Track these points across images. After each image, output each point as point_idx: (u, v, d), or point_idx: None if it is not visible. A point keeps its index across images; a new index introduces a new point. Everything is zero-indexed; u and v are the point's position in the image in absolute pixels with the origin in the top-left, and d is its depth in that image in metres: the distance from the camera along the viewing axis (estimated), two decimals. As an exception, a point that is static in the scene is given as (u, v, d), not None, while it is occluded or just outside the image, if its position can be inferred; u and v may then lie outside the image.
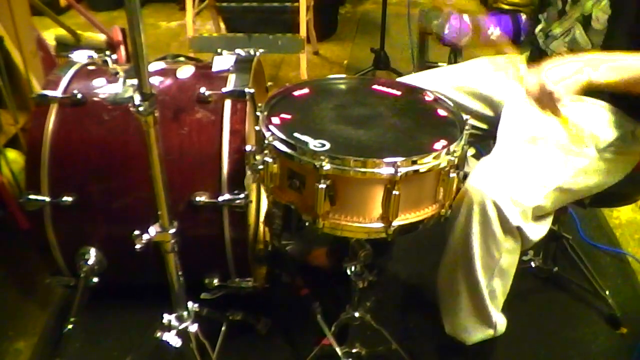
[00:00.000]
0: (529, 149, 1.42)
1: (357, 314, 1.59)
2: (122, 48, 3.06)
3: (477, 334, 1.50)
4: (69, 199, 1.56)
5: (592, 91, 1.49)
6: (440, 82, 1.71)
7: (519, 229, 1.33)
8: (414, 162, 1.17)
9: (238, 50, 1.77)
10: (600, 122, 1.47)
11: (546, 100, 1.26)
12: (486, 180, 1.32)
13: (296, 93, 1.45)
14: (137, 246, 1.26)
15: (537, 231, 1.39)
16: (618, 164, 1.51)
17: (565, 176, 1.41)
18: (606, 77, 1.27)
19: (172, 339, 1.41)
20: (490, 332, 1.50)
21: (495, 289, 1.43)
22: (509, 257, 1.39)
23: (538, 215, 1.38)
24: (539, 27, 1.65)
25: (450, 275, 1.45)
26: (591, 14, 1.46)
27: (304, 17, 3.31)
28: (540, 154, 1.41)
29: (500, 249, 1.36)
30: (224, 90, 1.60)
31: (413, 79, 1.74)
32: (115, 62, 1.61)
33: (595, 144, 1.45)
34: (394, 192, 1.16)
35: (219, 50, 1.77)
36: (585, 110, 1.49)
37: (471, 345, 1.51)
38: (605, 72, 1.27)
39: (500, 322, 1.50)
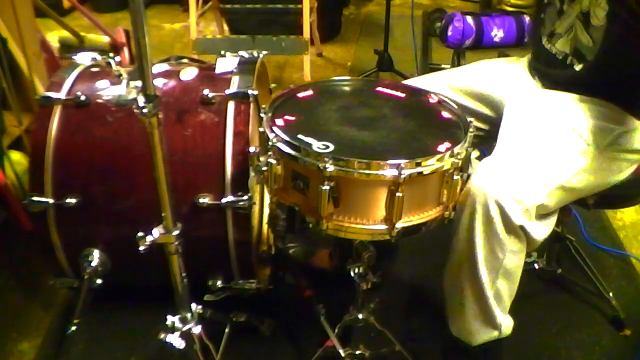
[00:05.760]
0: (531, 148, 1.42)
1: (360, 316, 1.59)
2: (125, 50, 3.07)
3: (481, 336, 1.50)
4: (73, 200, 1.56)
5: (586, 87, 1.51)
6: (442, 84, 1.71)
7: (522, 228, 1.33)
8: (418, 164, 1.17)
9: (241, 52, 1.77)
10: (602, 120, 1.47)
11: None
12: (488, 180, 1.32)
13: (300, 95, 1.46)
14: (141, 248, 1.26)
15: (541, 230, 1.38)
16: (621, 162, 1.51)
17: (568, 174, 1.40)
18: None
19: (176, 340, 1.41)
20: (495, 333, 1.50)
21: (500, 290, 1.43)
22: (513, 258, 1.38)
23: (541, 214, 1.38)
24: (540, 27, 1.65)
25: (455, 277, 1.45)
26: (589, 10, 1.46)
27: (307, 19, 3.32)
28: (542, 153, 1.41)
29: (504, 249, 1.35)
30: (227, 92, 1.60)
31: (415, 82, 1.74)
32: (119, 63, 1.61)
33: (597, 142, 1.44)
34: (397, 194, 1.16)
35: (222, 52, 1.77)
36: (587, 108, 1.49)
37: (475, 346, 1.51)
38: None
39: (506, 323, 1.49)
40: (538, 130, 1.46)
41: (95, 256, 1.61)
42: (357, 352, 1.61)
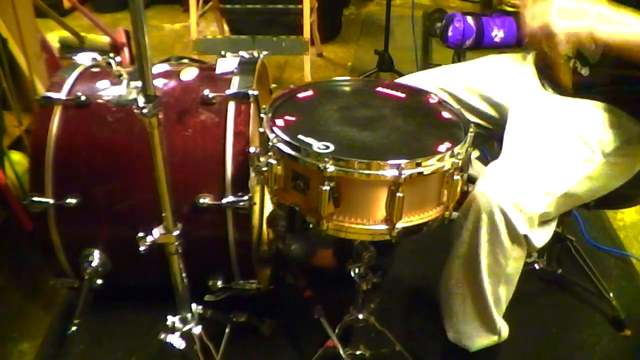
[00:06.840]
0: (536, 155, 1.41)
1: (361, 316, 1.59)
2: (125, 50, 3.07)
3: (481, 341, 1.49)
4: (73, 200, 1.56)
5: (591, 90, 1.50)
6: (446, 80, 1.70)
7: (525, 237, 1.33)
8: (418, 165, 1.17)
9: (242, 52, 1.77)
10: (606, 126, 1.46)
11: (542, 38, 1.26)
12: (494, 187, 1.31)
13: (300, 95, 1.45)
14: (141, 248, 1.26)
15: (542, 237, 1.38)
16: (624, 166, 1.50)
17: (572, 182, 1.40)
18: (609, 36, 1.26)
19: (176, 340, 1.42)
20: (495, 338, 1.50)
21: (500, 296, 1.43)
22: (514, 264, 1.38)
23: (543, 220, 1.38)
24: None
25: (456, 282, 1.44)
26: None
27: (307, 19, 3.32)
28: (547, 160, 1.41)
29: (508, 257, 1.35)
30: (227, 92, 1.60)
31: (418, 77, 1.74)
32: (119, 64, 1.61)
33: (602, 149, 1.44)
34: (397, 194, 1.16)
35: (222, 52, 1.77)
36: (593, 114, 1.48)
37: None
38: (610, 31, 1.26)
39: (504, 328, 1.50)
40: (543, 137, 1.45)
41: (96, 256, 1.62)
42: (358, 353, 1.61)
